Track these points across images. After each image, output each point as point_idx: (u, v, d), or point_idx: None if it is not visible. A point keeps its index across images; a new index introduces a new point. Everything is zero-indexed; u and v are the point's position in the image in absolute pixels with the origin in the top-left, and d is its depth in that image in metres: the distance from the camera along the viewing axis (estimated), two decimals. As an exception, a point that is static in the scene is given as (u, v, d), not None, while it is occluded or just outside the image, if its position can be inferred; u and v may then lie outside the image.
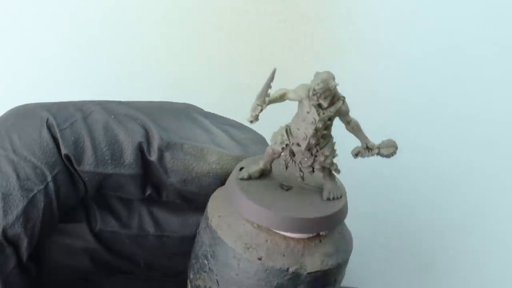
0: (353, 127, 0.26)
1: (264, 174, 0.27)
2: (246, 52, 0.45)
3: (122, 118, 0.28)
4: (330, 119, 0.25)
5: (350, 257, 0.28)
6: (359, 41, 0.45)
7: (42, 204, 0.26)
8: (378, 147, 0.26)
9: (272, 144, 0.26)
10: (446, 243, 0.46)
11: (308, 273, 0.25)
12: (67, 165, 0.27)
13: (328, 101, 0.24)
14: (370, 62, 0.45)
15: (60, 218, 0.29)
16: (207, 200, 0.28)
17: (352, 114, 0.28)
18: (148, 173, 0.29)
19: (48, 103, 0.28)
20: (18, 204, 0.26)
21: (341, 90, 0.44)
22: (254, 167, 0.27)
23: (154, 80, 0.45)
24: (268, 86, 0.25)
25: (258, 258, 0.25)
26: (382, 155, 0.26)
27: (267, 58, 0.45)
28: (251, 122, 0.26)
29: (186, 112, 0.31)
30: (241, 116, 0.29)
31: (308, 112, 0.25)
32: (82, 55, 0.44)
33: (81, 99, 0.44)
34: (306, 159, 0.25)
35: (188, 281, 0.28)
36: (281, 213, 0.24)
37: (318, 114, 0.24)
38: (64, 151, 0.27)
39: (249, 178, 0.26)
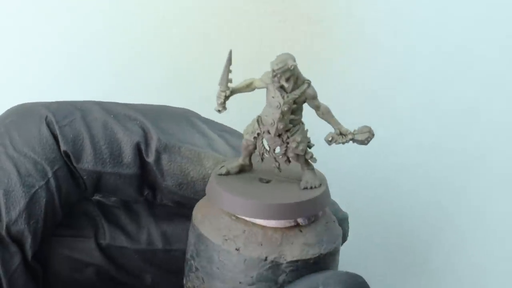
0: (323, 112, 0.26)
1: (243, 170, 0.27)
2: (246, 52, 0.45)
3: (121, 118, 0.28)
4: (296, 102, 0.25)
5: (347, 257, 0.27)
6: (359, 41, 0.45)
7: (44, 200, 0.26)
8: (352, 133, 0.26)
9: (244, 135, 0.26)
10: (443, 243, 0.46)
11: (288, 262, 0.24)
12: (67, 162, 0.27)
13: (291, 83, 0.25)
14: (370, 62, 0.45)
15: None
16: None
17: (353, 113, 0.28)
18: (144, 174, 0.29)
19: (46, 102, 0.28)
20: (20, 201, 0.26)
21: (341, 89, 0.44)
22: (233, 163, 0.27)
23: (153, 80, 0.45)
24: (227, 70, 0.26)
25: (236, 249, 0.24)
26: (357, 141, 0.26)
27: (267, 58, 0.45)
28: (219, 111, 0.26)
29: (185, 116, 0.31)
30: (241, 116, 0.29)
31: (273, 97, 0.25)
32: (82, 54, 0.44)
33: (80, 97, 0.44)
34: (279, 147, 0.26)
35: None
36: (255, 201, 0.24)
37: (283, 98, 0.24)
38: (63, 147, 0.27)
39: (228, 173, 0.26)
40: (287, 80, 0.24)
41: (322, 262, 0.25)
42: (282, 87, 0.25)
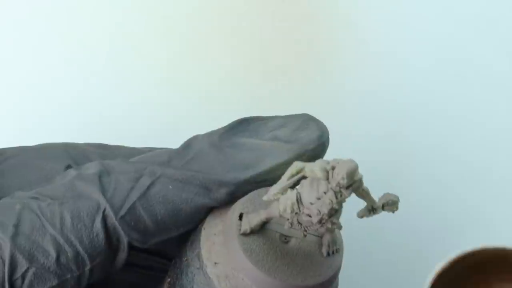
0: (363, 194, 0.25)
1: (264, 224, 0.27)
2: (246, 52, 0.45)
3: (179, 185, 0.27)
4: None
5: (348, 260, 0.28)
6: (359, 41, 0.45)
7: (70, 286, 0.26)
8: (382, 206, 0.26)
9: (281, 210, 0.25)
10: (445, 246, 0.46)
11: None
12: (111, 253, 0.27)
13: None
14: (370, 62, 0.45)
15: None
16: None
17: (352, 114, 0.28)
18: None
19: (104, 177, 0.27)
20: (47, 283, 0.26)
21: (341, 89, 0.44)
22: (256, 219, 0.26)
23: (154, 80, 0.45)
24: (291, 183, 0.25)
25: None
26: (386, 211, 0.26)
27: (267, 58, 0.45)
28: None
29: (222, 144, 0.29)
30: (241, 115, 0.29)
31: (325, 193, 0.24)
32: (82, 55, 0.44)
33: (84, 100, 0.44)
34: (314, 226, 0.25)
35: None
36: (284, 282, 0.24)
37: (336, 197, 0.24)
38: (127, 238, 0.27)
39: (251, 232, 0.26)
40: (347, 189, 0.23)
41: None
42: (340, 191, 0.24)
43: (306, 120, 0.29)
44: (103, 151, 0.31)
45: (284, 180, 0.24)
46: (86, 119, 0.44)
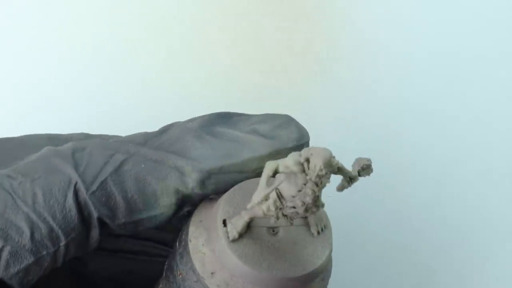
0: (337, 172, 0.25)
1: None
2: (246, 52, 0.45)
3: (152, 164, 0.27)
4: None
5: (343, 259, 0.27)
6: (359, 41, 0.45)
7: (47, 264, 0.26)
8: (359, 172, 0.25)
9: (265, 210, 0.24)
10: (443, 246, 0.46)
11: None
12: (84, 229, 0.27)
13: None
14: (370, 62, 0.45)
15: None
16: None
17: (352, 114, 0.28)
18: (182, 206, 0.28)
19: (78, 153, 0.27)
20: (23, 261, 0.26)
21: (341, 90, 0.44)
22: (240, 223, 0.26)
23: (155, 80, 0.45)
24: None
25: None
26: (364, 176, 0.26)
27: (267, 58, 0.45)
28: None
29: (201, 131, 0.29)
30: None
31: (305, 184, 0.24)
32: (83, 54, 0.44)
33: (82, 100, 0.44)
34: (300, 216, 0.25)
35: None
36: (270, 275, 0.24)
37: (317, 185, 0.24)
38: (97, 214, 0.26)
39: (240, 235, 0.25)
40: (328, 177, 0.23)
41: None
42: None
43: (288, 120, 0.29)
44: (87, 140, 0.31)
45: (263, 185, 0.24)
46: (84, 119, 0.44)
